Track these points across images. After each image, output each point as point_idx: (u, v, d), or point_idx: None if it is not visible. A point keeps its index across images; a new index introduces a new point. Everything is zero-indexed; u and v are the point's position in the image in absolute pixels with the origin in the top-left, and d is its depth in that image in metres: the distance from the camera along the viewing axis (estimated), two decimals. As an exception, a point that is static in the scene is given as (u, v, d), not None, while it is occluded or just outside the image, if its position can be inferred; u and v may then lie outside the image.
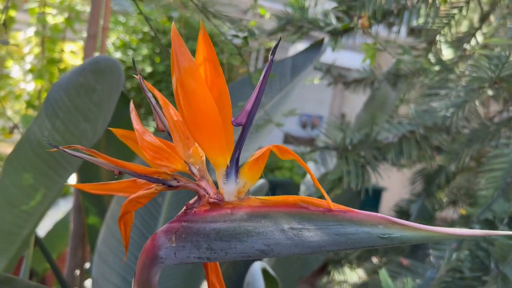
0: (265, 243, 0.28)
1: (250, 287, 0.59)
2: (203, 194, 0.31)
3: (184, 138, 0.31)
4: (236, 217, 0.29)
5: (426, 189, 1.24)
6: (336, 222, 0.27)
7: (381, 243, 0.26)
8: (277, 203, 0.29)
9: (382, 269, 0.76)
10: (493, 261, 0.91)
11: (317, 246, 0.27)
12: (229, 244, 0.29)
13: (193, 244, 0.30)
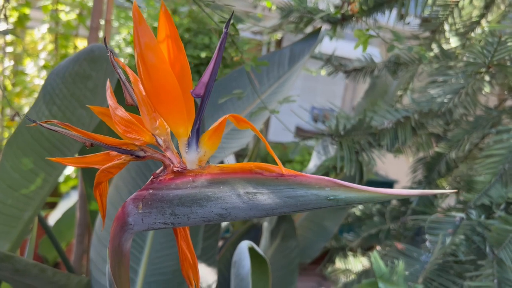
0: (223, 207, 0.30)
1: (236, 265, 0.61)
2: (168, 164, 0.32)
3: (151, 112, 0.33)
4: (197, 184, 0.31)
5: (426, 177, 1.24)
6: (287, 186, 0.29)
7: (327, 204, 0.28)
8: (234, 170, 0.30)
9: (374, 252, 0.77)
10: (489, 246, 0.92)
11: (270, 208, 0.29)
12: (191, 209, 0.31)
13: (158, 210, 0.32)
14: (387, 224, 1.26)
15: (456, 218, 0.96)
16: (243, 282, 0.58)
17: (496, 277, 0.89)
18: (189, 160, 0.32)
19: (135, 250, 0.77)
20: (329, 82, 5.16)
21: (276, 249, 1.20)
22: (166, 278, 0.74)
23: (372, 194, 0.27)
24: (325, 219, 1.25)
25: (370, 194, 0.27)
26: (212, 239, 0.89)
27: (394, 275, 0.78)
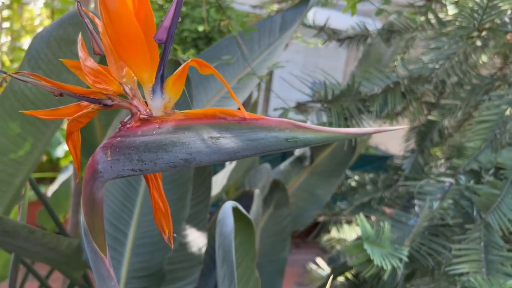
0: (188, 152, 0.31)
1: (220, 224, 0.62)
2: (135, 112, 0.33)
3: (117, 60, 0.33)
4: (163, 130, 0.31)
5: (419, 145, 1.24)
6: (249, 129, 0.29)
7: (287, 146, 0.28)
8: (198, 116, 0.31)
9: (360, 214, 0.78)
10: (476, 210, 0.92)
11: (232, 152, 0.30)
12: (157, 155, 0.31)
13: (126, 157, 0.32)
14: (380, 192, 1.27)
15: (446, 183, 0.97)
16: (226, 240, 0.59)
17: (483, 240, 0.90)
18: (155, 106, 0.32)
19: (125, 214, 0.78)
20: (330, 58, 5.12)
21: (269, 217, 1.21)
22: (155, 240, 0.76)
23: (328, 134, 0.27)
24: (318, 188, 1.27)
25: (326, 134, 0.27)
26: (202, 205, 0.90)
27: (380, 237, 0.79)
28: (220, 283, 0.62)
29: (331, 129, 0.27)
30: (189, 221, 0.88)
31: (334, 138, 0.27)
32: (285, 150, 0.28)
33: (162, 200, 0.37)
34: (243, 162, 1.19)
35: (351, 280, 1.20)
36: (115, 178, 0.34)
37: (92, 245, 0.37)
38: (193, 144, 0.30)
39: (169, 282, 0.82)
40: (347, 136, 0.27)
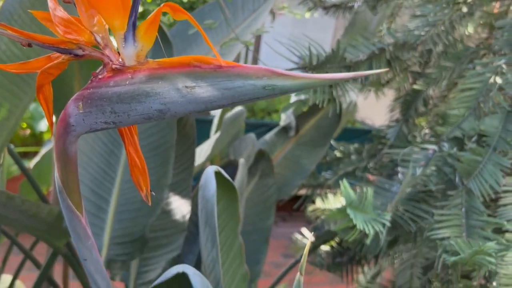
0: (162, 103, 0.29)
1: (202, 188, 0.61)
2: (107, 62, 0.31)
3: (88, 8, 0.31)
4: (136, 80, 0.30)
5: (404, 115, 1.24)
6: (225, 77, 0.28)
7: (264, 94, 0.27)
8: (173, 64, 0.30)
9: (344, 180, 0.79)
10: (459, 177, 0.94)
11: (208, 101, 0.29)
12: (130, 106, 0.30)
13: (98, 108, 0.31)
14: (364, 162, 1.27)
15: (429, 150, 0.97)
16: (208, 203, 0.59)
17: (464, 206, 0.91)
18: (127, 55, 0.31)
19: (107, 182, 0.77)
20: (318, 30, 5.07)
21: (253, 187, 1.21)
22: (137, 207, 0.75)
23: (307, 81, 0.26)
24: (303, 158, 1.27)
25: (305, 81, 0.26)
26: (186, 173, 0.89)
27: (363, 202, 0.80)
28: (202, 247, 0.62)
29: (308, 75, 0.26)
30: (172, 189, 0.87)
31: (311, 84, 0.26)
32: (263, 99, 0.27)
33: (138, 156, 0.36)
34: (228, 132, 1.18)
35: (335, 248, 1.22)
36: (88, 132, 0.33)
37: (67, 202, 0.36)
38: (167, 94, 0.29)
39: (153, 249, 0.82)
40: (324, 82, 0.26)
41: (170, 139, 0.77)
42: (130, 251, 0.73)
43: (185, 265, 0.55)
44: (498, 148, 0.95)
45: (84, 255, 0.37)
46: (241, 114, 1.17)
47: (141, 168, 0.37)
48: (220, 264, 0.60)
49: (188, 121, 0.89)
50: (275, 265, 3.24)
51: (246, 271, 0.74)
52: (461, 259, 0.71)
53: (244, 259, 0.73)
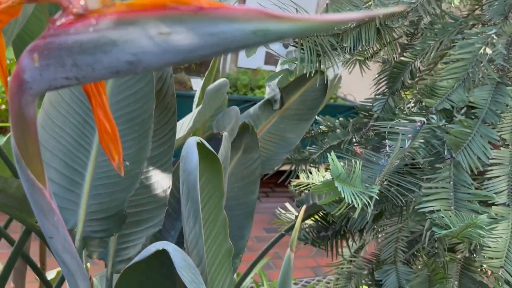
0: (133, 53, 0.25)
1: (184, 159, 0.57)
2: (67, 5, 0.27)
3: None
4: (100, 27, 0.25)
5: (390, 87, 1.21)
6: (208, 21, 0.24)
7: (255, 41, 0.23)
8: (145, 6, 0.25)
9: (331, 152, 0.75)
10: (447, 149, 0.92)
11: (187, 50, 0.24)
12: (94, 57, 0.26)
13: (57, 61, 0.26)
14: (350, 136, 1.24)
15: (417, 123, 0.95)
16: (190, 176, 0.55)
17: (452, 179, 0.90)
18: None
19: (81, 154, 0.72)
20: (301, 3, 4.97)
21: (237, 161, 1.17)
22: (114, 181, 0.70)
23: (307, 23, 0.22)
24: (288, 132, 1.23)
25: (304, 23, 0.22)
26: (166, 146, 0.85)
27: (351, 175, 0.77)
28: (184, 223, 0.59)
29: (309, 16, 0.22)
30: (152, 162, 0.83)
31: (313, 28, 0.22)
32: (253, 47, 0.23)
33: (108, 120, 0.32)
34: (210, 105, 1.13)
35: (320, 222, 1.20)
36: (48, 90, 0.28)
37: (26, 173, 0.32)
38: (138, 43, 0.25)
39: (133, 225, 0.78)
40: (328, 25, 0.22)
41: (148, 109, 0.72)
42: (108, 228, 0.69)
43: (166, 242, 0.52)
44: (487, 120, 0.94)
45: (49, 232, 0.33)
46: (224, 85, 1.12)
47: (111, 134, 0.33)
48: (204, 240, 0.56)
49: (168, 91, 0.84)
50: (258, 240, 3.25)
51: (230, 246, 0.71)
52: (452, 232, 0.69)
53: (228, 234, 0.70)
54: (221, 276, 0.70)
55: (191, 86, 3.95)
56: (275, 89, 1.24)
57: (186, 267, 0.50)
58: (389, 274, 1.12)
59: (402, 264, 1.11)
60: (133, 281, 0.53)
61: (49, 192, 0.33)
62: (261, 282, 2.17)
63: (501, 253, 0.89)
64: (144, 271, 0.53)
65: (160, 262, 0.53)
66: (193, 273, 0.50)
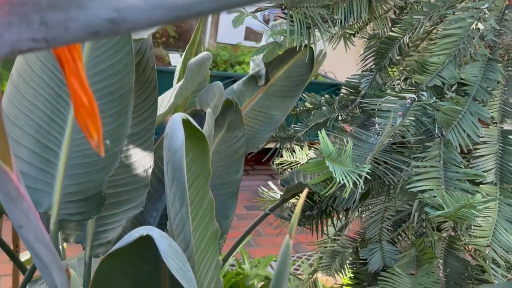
0: (115, 8, 0.20)
1: (169, 137, 0.53)
2: (32, -51, 0.22)
3: None
4: (75, -25, 0.21)
5: (378, 63, 1.18)
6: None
7: (266, -6, 0.19)
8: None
9: (322, 130, 0.72)
10: (438, 127, 0.90)
11: (183, 5, 0.20)
12: (67, 14, 0.21)
13: (21, 18, 0.22)
14: (336, 113, 1.22)
15: (407, 100, 0.92)
16: (175, 155, 0.50)
17: (442, 158, 0.88)
18: None
19: (54, 131, 0.67)
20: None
21: (221, 139, 1.13)
22: (91, 160, 0.66)
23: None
24: (273, 109, 1.19)
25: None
26: (148, 122, 0.80)
27: (342, 154, 0.74)
28: (169, 206, 0.55)
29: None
30: (133, 140, 0.78)
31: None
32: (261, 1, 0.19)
33: (84, 91, 0.27)
34: (193, 79, 1.08)
35: (305, 201, 1.18)
36: (12, 54, 0.23)
37: (-12, 153, 0.27)
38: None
39: (112, 206, 0.74)
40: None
41: (128, 83, 0.67)
42: (86, 210, 0.65)
43: (150, 227, 0.48)
44: (478, 97, 0.92)
45: (18, 221, 0.29)
46: (207, 59, 1.06)
47: (89, 108, 0.28)
48: (191, 224, 0.52)
49: (148, 63, 0.78)
50: (238, 218, 3.24)
51: (216, 229, 0.67)
52: (445, 213, 0.67)
53: (214, 215, 0.67)
54: (207, 260, 0.67)
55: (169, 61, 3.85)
56: (260, 64, 1.19)
57: (172, 254, 0.46)
58: (374, 253, 1.11)
59: (387, 243, 1.11)
60: (114, 269, 0.49)
61: (16, 175, 0.29)
62: (242, 260, 2.16)
63: (488, 232, 0.88)
64: (126, 258, 0.49)
65: (144, 248, 0.50)
66: (180, 260, 0.47)
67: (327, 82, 3.95)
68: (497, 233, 0.88)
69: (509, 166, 0.91)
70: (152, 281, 0.52)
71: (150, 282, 0.52)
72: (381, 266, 1.11)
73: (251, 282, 1.83)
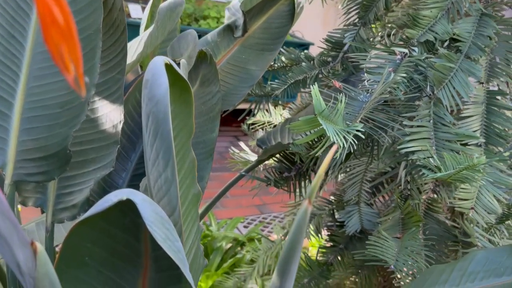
0: None
1: (149, 85, 0.44)
2: None
3: None
4: None
5: (362, 17, 1.11)
6: None
7: None
8: None
9: (315, 85, 0.65)
10: (429, 85, 0.85)
11: None
12: None
13: None
14: (316, 70, 1.15)
15: (397, 56, 0.87)
16: (159, 105, 0.42)
17: (432, 118, 0.84)
18: None
19: (7, 78, 0.56)
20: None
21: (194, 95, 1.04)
22: (53, 112, 0.56)
23: None
24: (250, 63, 1.11)
25: None
26: (117, 71, 0.70)
27: (334, 112, 0.68)
28: (150, 165, 0.47)
29: None
30: (99, 92, 0.69)
31: None
32: None
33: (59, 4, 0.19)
34: (164, 26, 0.97)
35: (283, 163, 1.12)
36: None
37: None
38: None
39: (78, 166, 0.65)
40: None
41: (95, 22, 0.57)
42: (47, 170, 0.56)
43: (130, 190, 0.40)
44: (470, 54, 0.87)
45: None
46: (179, 3, 0.96)
47: (64, 27, 0.20)
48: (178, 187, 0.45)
49: (116, 3, 0.68)
50: (204, 179, 3.17)
51: (198, 191, 0.60)
52: (444, 175, 0.63)
53: (196, 177, 0.60)
54: (187, 225, 0.61)
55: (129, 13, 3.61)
56: (237, 13, 1.10)
57: (158, 221, 0.39)
58: (351, 215, 1.09)
59: (365, 205, 1.08)
60: (86, 239, 0.41)
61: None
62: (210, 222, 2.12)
63: (472, 194, 0.87)
64: (101, 226, 0.42)
65: (121, 214, 0.42)
66: (167, 229, 0.40)
67: (295, 41, 3.85)
68: (480, 196, 0.86)
69: (494, 128, 0.89)
70: (131, 252, 0.45)
71: (128, 254, 0.45)
72: (359, 229, 1.09)
73: (219, 244, 1.79)
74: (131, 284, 0.47)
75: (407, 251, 0.75)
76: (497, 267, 0.58)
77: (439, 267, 0.62)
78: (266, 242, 1.46)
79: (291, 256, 0.33)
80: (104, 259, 0.45)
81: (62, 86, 0.57)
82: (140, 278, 0.47)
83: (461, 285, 0.57)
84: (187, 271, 0.41)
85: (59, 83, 0.56)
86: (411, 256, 0.74)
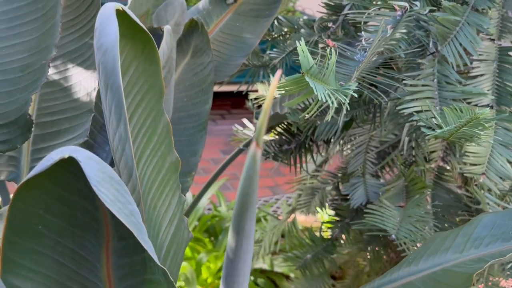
0: None
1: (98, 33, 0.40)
2: None
3: None
4: None
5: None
6: None
7: None
8: None
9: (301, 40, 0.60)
10: (432, 42, 0.78)
11: None
12: None
13: None
14: (316, 35, 1.08)
15: (398, 12, 0.80)
16: (107, 54, 0.38)
17: (436, 76, 0.78)
18: None
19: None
20: None
21: (185, 67, 1.00)
22: (13, 77, 0.52)
23: None
24: (245, 31, 1.05)
25: None
26: (89, 37, 0.66)
27: (323, 71, 0.62)
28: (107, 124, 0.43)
29: None
30: (72, 59, 0.64)
31: None
32: None
33: None
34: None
35: (283, 135, 1.07)
36: None
37: None
38: None
39: (51, 136, 0.61)
40: None
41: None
42: (8, 138, 0.52)
43: (74, 147, 0.36)
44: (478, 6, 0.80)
45: None
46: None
47: None
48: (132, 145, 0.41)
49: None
50: (214, 162, 3.15)
51: (176, 158, 0.56)
52: (445, 132, 0.57)
53: (172, 143, 0.55)
54: (166, 195, 0.56)
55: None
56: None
57: (105, 181, 0.35)
58: (356, 187, 1.03)
59: (371, 176, 1.03)
60: (33, 203, 0.37)
61: None
62: (219, 203, 2.09)
63: (483, 158, 0.80)
64: (49, 189, 0.38)
65: (71, 175, 0.38)
66: (116, 189, 0.36)
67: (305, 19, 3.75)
68: (492, 160, 0.79)
69: (507, 87, 0.82)
70: (88, 219, 0.41)
71: (86, 221, 0.41)
72: (364, 201, 1.03)
73: (227, 224, 1.76)
74: (94, 255, 0.43)
75: (411, 219, 0.70)
76: (505, 231, 0.52)
77: (443, 233, 0.57)
78: (272, 221, 1.42)
79: (243, 211, 0.28)
80: (60, 228, 0.41)
81: (23, 49, 0.52)
82: (103, 248, 0.43)
83: (464, 252, 0.52)
84: (143, 237, 0.37)
85: (20, 45, 0.52)
86: (414, 225, 0.68)
